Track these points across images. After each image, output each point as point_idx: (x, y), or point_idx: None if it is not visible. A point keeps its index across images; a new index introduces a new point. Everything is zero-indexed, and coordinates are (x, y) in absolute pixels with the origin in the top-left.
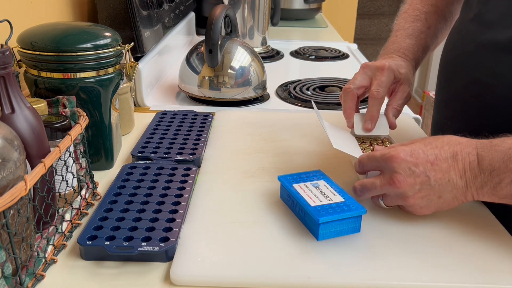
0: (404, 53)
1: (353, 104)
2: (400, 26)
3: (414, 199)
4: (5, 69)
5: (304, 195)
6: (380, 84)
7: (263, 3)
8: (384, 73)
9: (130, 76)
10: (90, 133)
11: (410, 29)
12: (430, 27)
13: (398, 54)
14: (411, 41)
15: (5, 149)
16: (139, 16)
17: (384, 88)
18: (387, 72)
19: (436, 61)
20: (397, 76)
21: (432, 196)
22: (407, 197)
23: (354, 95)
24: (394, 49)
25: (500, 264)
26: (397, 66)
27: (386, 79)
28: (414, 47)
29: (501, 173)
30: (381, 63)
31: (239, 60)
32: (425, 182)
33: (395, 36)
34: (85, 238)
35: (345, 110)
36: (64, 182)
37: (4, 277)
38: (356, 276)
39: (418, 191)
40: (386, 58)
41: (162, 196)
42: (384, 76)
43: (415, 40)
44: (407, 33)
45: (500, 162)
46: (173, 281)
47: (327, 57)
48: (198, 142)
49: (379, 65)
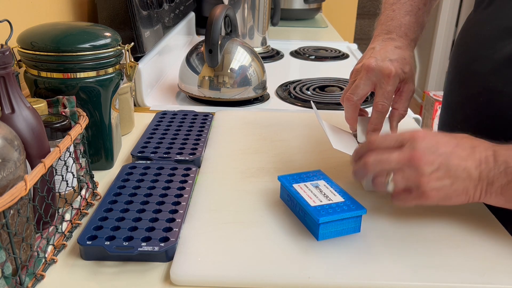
0: (405, 32)
1: (355, 114)
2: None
3: (430, 178)
4: (5, 69)
5: (304, 195)
6: (386, 96)
7: (263, 3)
8: (390, 82)
9: (130, 76)
10: (90, 133)
11: (408, 5)
12: (425, 3)
13: (399, 33)
14: (411, 19)
15: (5, 149)
16: (139, 16)
17: (389, 99)
18: (393, 80)
19: (436, 61)
20: (402, 77)
21: (446, 180)
22: (423, 175)
23: (356, 106)
24: (395, 26)
25: (500, 264)
26: (402, 66)
27: (391, 88)
28: (415, 25)
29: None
30: (387, 68)
31: (239, 60)
32: (444, 164)
33: (392, 10)
34: (85, 238)
35: (348, 119)
36: (64, 182)
37: (4, 277)
38: (356, 276)
39: (435, 171)
40: (386, 40)
41: (162, 196)
42: (390, 85)
43: (414, 17)
44: (405, 8)
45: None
46: (173, 281)
47: (327, 57)
48: (198, 142)
49: (385, 71)
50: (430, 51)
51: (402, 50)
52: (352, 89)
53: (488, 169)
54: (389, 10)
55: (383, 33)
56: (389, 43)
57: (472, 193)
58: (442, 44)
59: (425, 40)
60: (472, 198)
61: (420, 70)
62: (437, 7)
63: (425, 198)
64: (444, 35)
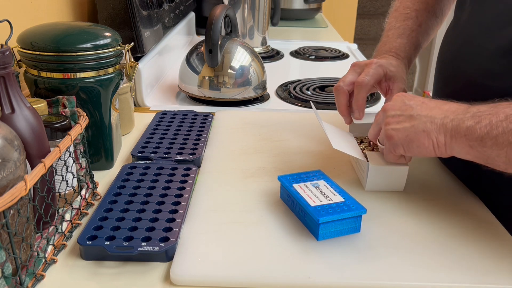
0: (395, 52)
1: (345, 100)
2: (391, 26)
3: (391, 120)
4: (5, 69)
5: (304, 195)
6: (367, 74)
7: (263, 3)
8: (372, 66)
9: (130, 76)
10: (90, 133)
11: (401, 28)
12: (421, 25)
13: (390, 54)
14: (402, 40)
15: (5, 149)
16: (139, 16)
17: (370, 76)
18: (375, 65)
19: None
20: (388, 73)
21: (406, 123)
22: (386, 118)
23: (345, 92)
24: (386, 50)
25: (499, 264)
26: (387, 64)
27: (374, 71)
28: (406, 46)
29: (484, 114)
30: (369, 60)
31: (239, 60)
32: (408, 110)
33: (387, 36)
34: (85, 238)
35: (339, 107)
36: (64, 182)
37: (4, 277)
38: (356, 276)
39: (397, 116)
40: (378, 59)
41: (162, 196)
42: (372, 68)
43: (406, 39)
44: (398, 32)
45: (487, 107)
46: (173, 281)
47: (327, 57)
48: (198, 142)
49: (367, 62)
50: (430, 51)
51: (391, 60)
52: (339, 80)
53: (455, 115)
54: (384, 37)
55: (376, 55)
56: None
57: (435, 137)
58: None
59: None
60: (436, 142)
61: (420, 70)
62: None
63: (389, 138)
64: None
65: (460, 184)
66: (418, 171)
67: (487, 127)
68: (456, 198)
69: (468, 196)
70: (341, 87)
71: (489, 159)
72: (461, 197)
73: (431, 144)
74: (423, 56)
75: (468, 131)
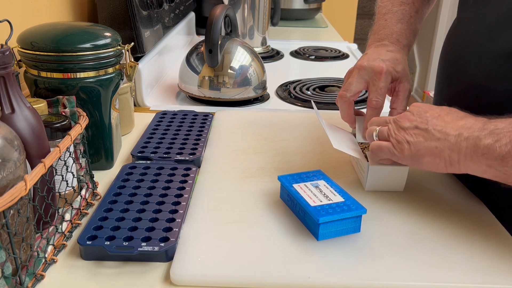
0: (397, 39)
1: (350, 111)
2: (387, 9)
3: (406, 132)
4: (5, 69)
5: (304, 195)
6: (379, 92)
7: (263, 3)
8: (381, 78)
9: (130, 76)
10: (90, 133)
11: (399, 13)
12: (418, 11)
13: (391, 40)
14: (403, 26)
15: (5, 149)
16: (139, 16)
17: (383, 96)
18: (385, 76)
19: (436, 61)
20: (395, 76)
21: (421, 137)
22: (400, 128)
23: (350, 103)
24: (387, 34)
25: (500, 264)
26: (394, 65)
27: (384, 85)
28: (406, 32)
29: (503, 132)
30: (378, 66)
31: (239, 60)
32: (423, 123)
33: (384, 19)
34: (85, 238)
35: (344, 117)
36: (64, 182)
37: (4, 277)
38: (356, 276)
39: (413, 128)
40: (379, 46)
41: (162, 196)
42: (382, 81)
43: (406, 24)
44: (397, 17)
45: (506, 123)
46: (173, 281)
47: (327, 57)
48: (198, 142)
49: (376, 69)
50: (430, 51)
51: (394, 53)
52: (345, 86)
53: (470, 133)
54: (382, 20)
55: (376, 41)
56: (382, 48)
57: (448, 155)
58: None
59: (425, 40)
60: (449, 160)
61: (420, 70)
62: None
63: (398, 150)
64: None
65: (460, 185)
66: (418, 171)
67: (507, 146)
68: (456, 198)
69: (468, 196)
70: (347, 98)
71: (510, 178)
72: (461, 197)
73: (443, 161)
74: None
75: (487, 150)
